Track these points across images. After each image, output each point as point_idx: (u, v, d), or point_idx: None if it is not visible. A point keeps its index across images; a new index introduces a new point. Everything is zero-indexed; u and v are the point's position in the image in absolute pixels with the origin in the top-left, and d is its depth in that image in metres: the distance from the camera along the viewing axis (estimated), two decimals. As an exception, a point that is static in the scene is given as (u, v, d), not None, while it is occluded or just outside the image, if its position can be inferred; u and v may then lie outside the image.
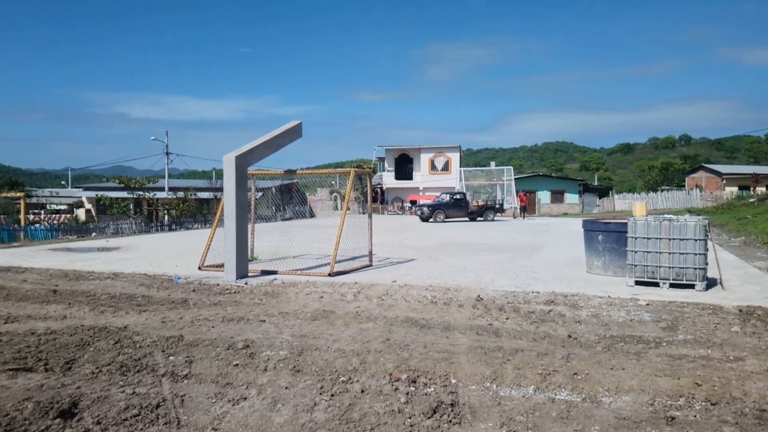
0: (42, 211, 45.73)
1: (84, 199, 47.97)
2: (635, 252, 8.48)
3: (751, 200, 33.13)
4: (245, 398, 4.03)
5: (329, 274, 9.56)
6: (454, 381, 4.34)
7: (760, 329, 5.83)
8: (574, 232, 17.63)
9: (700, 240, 8.05)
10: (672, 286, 8.25)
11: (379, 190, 47.36)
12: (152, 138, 43.90)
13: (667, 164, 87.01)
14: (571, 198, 48.75)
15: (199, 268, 10.46)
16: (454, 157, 46.92)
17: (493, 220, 30.73)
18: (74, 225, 30.81)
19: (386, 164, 49.03)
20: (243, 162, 9.76)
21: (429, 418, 3.67)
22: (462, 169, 43.62)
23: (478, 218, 30.54)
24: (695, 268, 8.07)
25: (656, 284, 8.36)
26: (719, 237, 17.24)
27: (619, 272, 9.11)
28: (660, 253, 8.28)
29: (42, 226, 28.26)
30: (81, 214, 44.14)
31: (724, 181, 52.73)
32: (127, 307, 7.14)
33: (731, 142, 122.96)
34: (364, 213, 31.16)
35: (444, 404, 3.86)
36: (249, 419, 3.68)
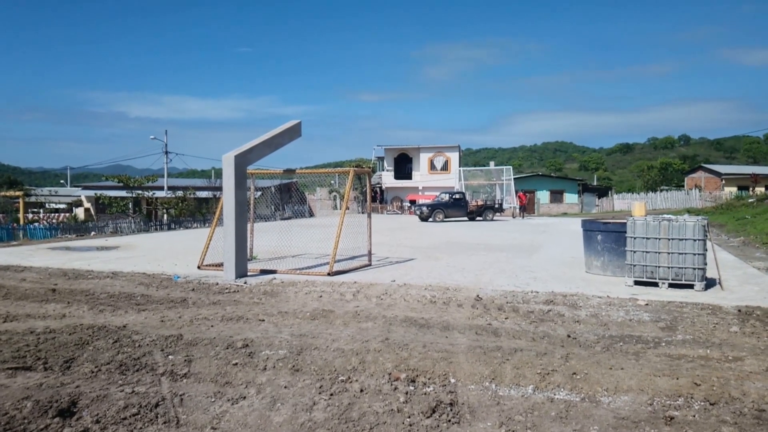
0: (41, 210, 45.65)
1: (83, 198, 47.95)
2: (634, 252, 8.49)
3: (750, 200, 33.14)
4: (244, 397, 4.03)
5: (328, 274, 9.56)
6: (453, 380, 4.34)
7: (759, 329, 5.84)
8: (573, 232, 17.65)
9: (699, 240, 8.06)
10: (671, 286, 8.26)
11: (378, 189, 47.38)
12: (151, 137, 43.93)
13: (666, 164, 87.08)
14: (571, 198, 48.79)
15: (199, 268, 10.46)
16: (454, 157, 46.94)
17: (492, 219, 30.74)
18: (73, 224, 30.79)
19: (385, 164, 49.05)
20: (242, 161, 9.75)
21: (428, 417, 3.67)
22: (461, 168, 43.63)
23: (478, 218, 30.56)
24: (694, 268, 8.08)
25: (655, 284, 8.36)
26: (718, 237, 17.26)
27: (618, 272, 9.12)
28: (659, 253, 8.29)
29: (41, 225, 28.24)
30: (80, 213, 44.12)
31: (723, 182, 52.78)
32: (126, 306, 7.14)
33: (730, 143, 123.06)
34: (363, 212, 31.19)
35: (443, 404, 3.86)
36: (248, 418, 3.68)
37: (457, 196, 31.00)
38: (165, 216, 33.87)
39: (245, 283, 8.92)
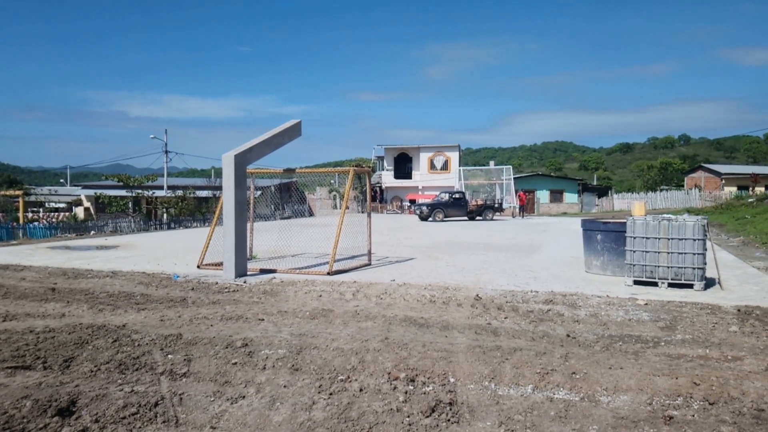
0: (41, 210, 45.64)
1: (83, 198, 47.96)
2: (634, 252, 8.49)
3: (749, 200, 33.15)
4: (244, 397, 4.03)
5: (328, 273, 9.56)
6: (452, 380, 4.34)
7: (758, 329, 5.84)
8: (573, 232, 17.64)
9: (698, 240, 8.06)
10: (670, 285, 8.26)
11: (378, 189, 47.39)
12: (151, 136, 43.97)
13: (666, 164, 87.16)
14: (570, 197, 48.79)
15: (198, 267, 10.45)
16: (454, 157, 46.94)
17: (492, 219, 30.75)
18: (73, 223, 30.79)
19: (385, 163, 49.06)
20: (242, 160, 9.75)
21: (427, 417, 3.67)
22: (461, 168, 43.62)
23: (477, 217, 30.57)
24: (694, 268, 8.08)
25: (655, 284, 8.36)
26: (718, 237, 17.26)
27: (618, 272, 9.12)
28: (659, 252, 8.29)
29: (41, 225, 28.23)
30: (80, 212, 44.13)
31: (723, 181, 52.78)
32: (125, 306, 7.14)
33: (730, 142, 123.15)
34: (363, 212, 31.19)
35: (442, 403, 3.86)
36: (247, 418, 3.68)
37: (457, 195, 31.01)
38: (165, 215, 33.90)
39: (245, 282, 8.92)
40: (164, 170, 43.97)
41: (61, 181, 76.46)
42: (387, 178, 48.22)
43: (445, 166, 46.85)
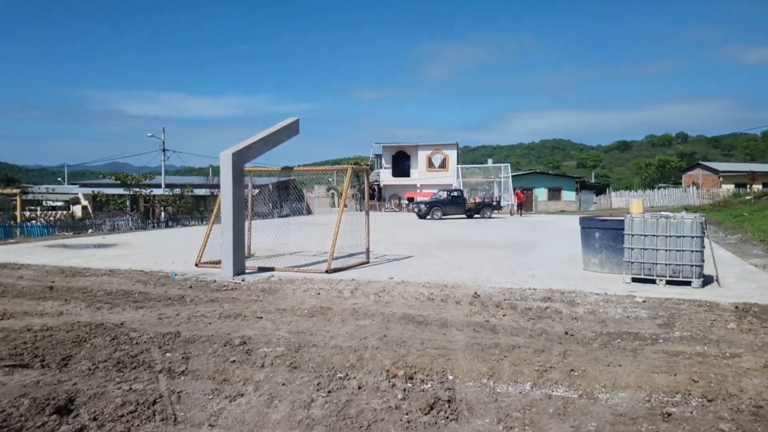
0: (38, 208, 45.48)
1: (80, 196, 47.87)
2: (632, 249, 8.50)
3: (747, 198, 33.24)
4: (242, 394, 4.02)
5: (326, 271, 9.55)
6: (451, 377, 4.34)
7: (756, 326, 5.85)
8: (571, 230, 17.65)
9: (696, 237, 8.07)
10: (668, 283, 8.27)
11: (376, 187, 47.38)
12: (149, 135, 43.92)
13: (664, 162, 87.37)
14: (568, 195, 48.82)
15: (196, 265, 10.44)
16: (452, 155, 46.96)
17: (490, 217, 30.77)
18: (70, 221, 30.69)
19: (383, 161, 49.06)
20: (240, 159, 9.73)
21: (426, 414, 3.67)
22: (459, 166, 43.61)
23: (476, 215, 30.60)
24: (692, 265, 8.09)
25: (653, 281, 8.37)
26: (716, 234, 17.29)
27: (616, 269, 9.13)
28: (657, 250, 8.30)
29: (38, 223, 28.15)
30: (77, 210, 44.07)
31: (721, 179, 52.88)
32: (123, 304, 7.13)
33: (728, 140, 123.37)
34: (361, 210, 31.16)
35: (441, 400, 3.86)
36: (246, 415, 3.67)
37: (455, 193, 31.03)
38: (163, 214, 33.84)
39: (243, 280, 8.91)
40: (162, 168, 43.89)
41: (59, 179, 76.35)
42: (385, 176, 48.21)
43: (444, 164, 46.86)
